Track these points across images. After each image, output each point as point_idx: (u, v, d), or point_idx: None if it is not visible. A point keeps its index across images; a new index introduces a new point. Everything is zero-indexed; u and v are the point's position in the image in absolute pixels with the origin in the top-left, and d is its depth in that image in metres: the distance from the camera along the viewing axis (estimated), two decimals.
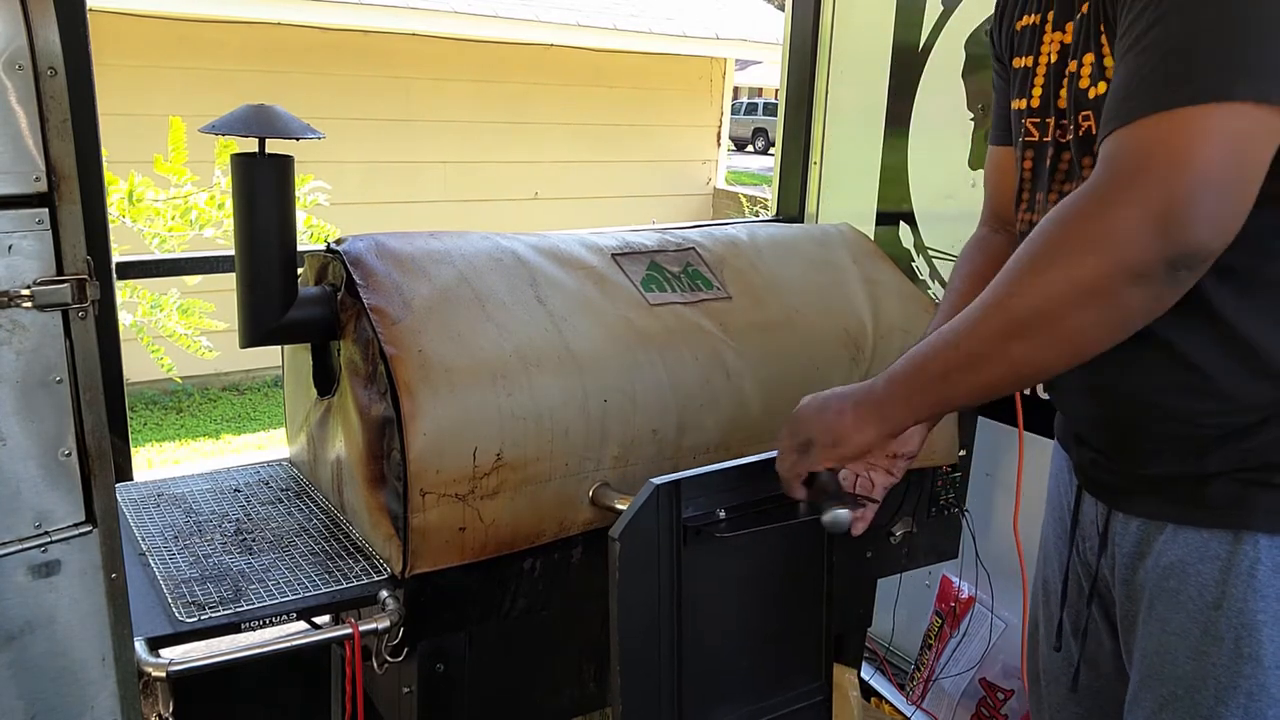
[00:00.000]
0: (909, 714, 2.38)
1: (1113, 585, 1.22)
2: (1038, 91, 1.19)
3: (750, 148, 21.13)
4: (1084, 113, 1.10)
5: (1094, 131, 1.07)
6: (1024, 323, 0.96)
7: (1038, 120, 1.20)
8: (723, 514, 1.29)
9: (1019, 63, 1.24)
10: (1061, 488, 1.35)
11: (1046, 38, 1.18)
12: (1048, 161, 1.19)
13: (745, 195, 9.78)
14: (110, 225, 1.98)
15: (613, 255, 1.76)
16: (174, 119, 3.54)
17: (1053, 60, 1.17)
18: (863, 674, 2.30)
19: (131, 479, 1.90)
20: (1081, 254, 0.92)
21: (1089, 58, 1.09)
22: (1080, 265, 0.92)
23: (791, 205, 2.76)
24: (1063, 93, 1.15)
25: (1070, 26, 1.14)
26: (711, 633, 1.34)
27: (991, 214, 1.45)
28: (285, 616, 1.39)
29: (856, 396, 1.12)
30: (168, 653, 1.29)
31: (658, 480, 1.25)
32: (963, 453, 2.05)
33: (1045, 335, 0.96)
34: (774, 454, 1.24)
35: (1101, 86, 1.06)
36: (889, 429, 1.11)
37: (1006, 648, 2.28)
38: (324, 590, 1.43)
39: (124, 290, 3.37)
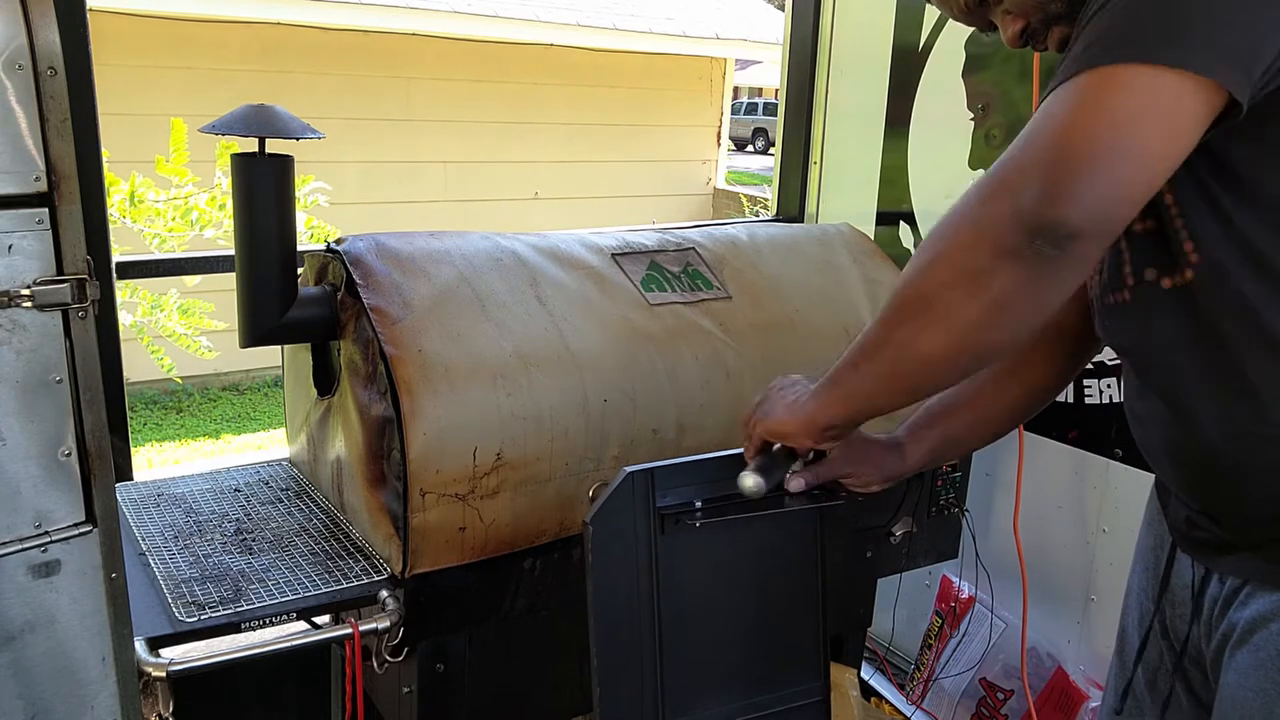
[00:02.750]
0: (909, 714, 2.38)
1: (1205, 651, 1.13)
2: None
3: (750, 148, 21.13)
4: None
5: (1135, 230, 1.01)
6: (907, 304, 0.96)
7: None
8: (699, 504, 1.30)
9: None
10: (1154, 539, 1.26)
11: None
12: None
13: (745, 195, 9.78)
14: (110, 225, 1.98)
15: (613, 255, 1.76)
16: (175, 120, 3.54)
17: None
18: (863, 674, 2.30)
19: (131, 479, 1.90)
20: (956, 230, 0.91)
21: None
22: (953, 241, 0.91)
23: (791, 205, 2.76)
24: None
25: None
26: (695, 624, 1.34)
27: None
28: (285, 616, 1.39)
29: (813, 388, 1.16)
30: (168, 652, 1.30)
31: (631, 468, 1.27)
32: None
33: (924, 317, 0.94)
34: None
35: None
36: (823, 419, 1.14)
37: (1006, 648, 2.28)
38: (324, 590, 1.43)
39: (124, 290, 3.38)
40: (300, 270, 1.62)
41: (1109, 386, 2.07)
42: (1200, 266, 0.96)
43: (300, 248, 1.55)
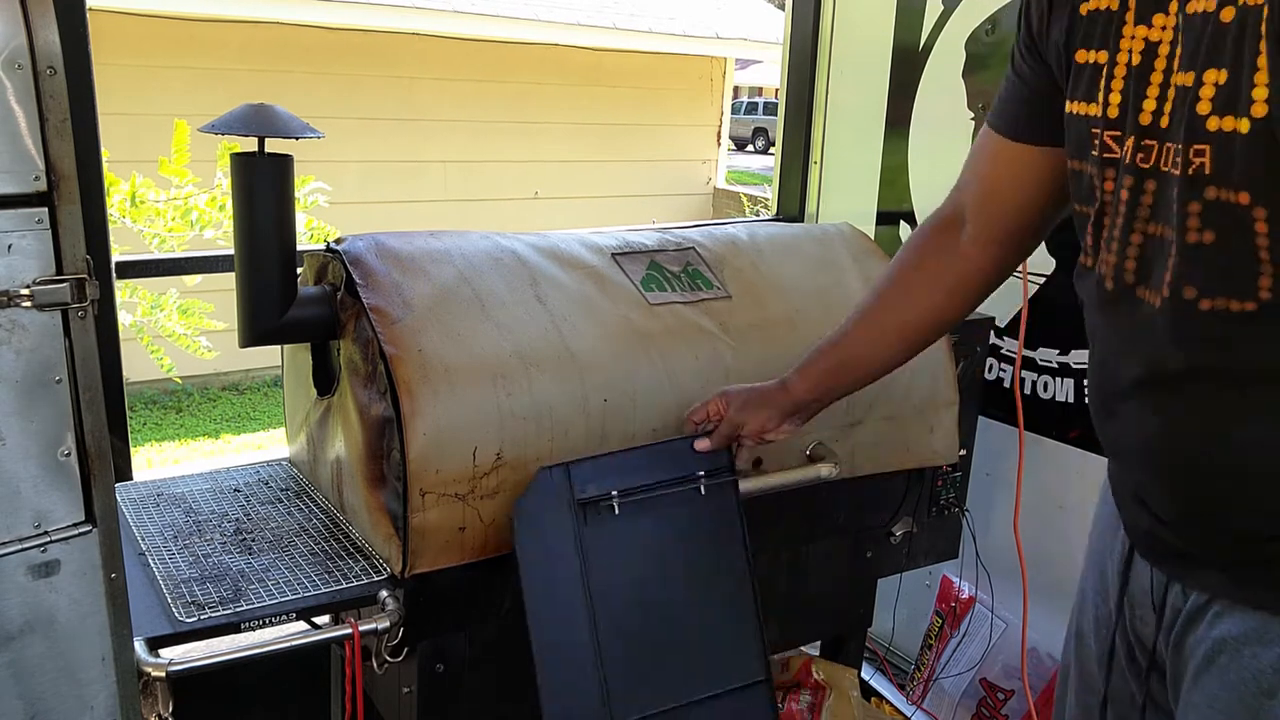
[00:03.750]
0: (909, 714, 2.38)
1: (1164, 659, 1.12)
2: (1116, 99, 0.99)
3: (750, 148, 21.12)
4: (1198, 146, 0.89)
5: (1207, 170, 0.89)
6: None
7: (1117, 134, 1.00)
8: (615, 494, 1.41)
9: (1084, 56, 1.03)
10: (1107, 540, 1.23)
11: (1127, 30, 0.98)
12: (1125, 191, 0.99)
13: (746, 195, 9.78)
14: (110, 225, 1.98)
15: (613, 255, 1.76)
16: (178, 122, 3.54)
17: (1135, 62, 0.97)
18: (863, 674, 2.29)
19: (131, 479, 1.90)
20: None
21: (1216, 75, 0.87)
22: None
23: (791, 205, 2.76)
24: (1164, 107, 0.94)
25: (1161, 20, 0.94)
26: (631, 615, 1.41)
27: (962, 206, 1.32)
28: (285, 616, 1.39)
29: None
30: (167, 653, 1.29)
31: (548, 464, 1.39)
32: (963, 453, 2.05)
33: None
34: (668, 440, 1.50)
35: (1236, 122, 0.86)
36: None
37: (1006, 648, 2.28)
38: (324, 590, 1.43)
39: (124, 290, 3.38)
40: (300, 270, 1.62)
41: None
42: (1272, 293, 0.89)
43: (300, 247, 1.55)
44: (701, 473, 1.47)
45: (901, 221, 2.50)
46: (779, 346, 1.76)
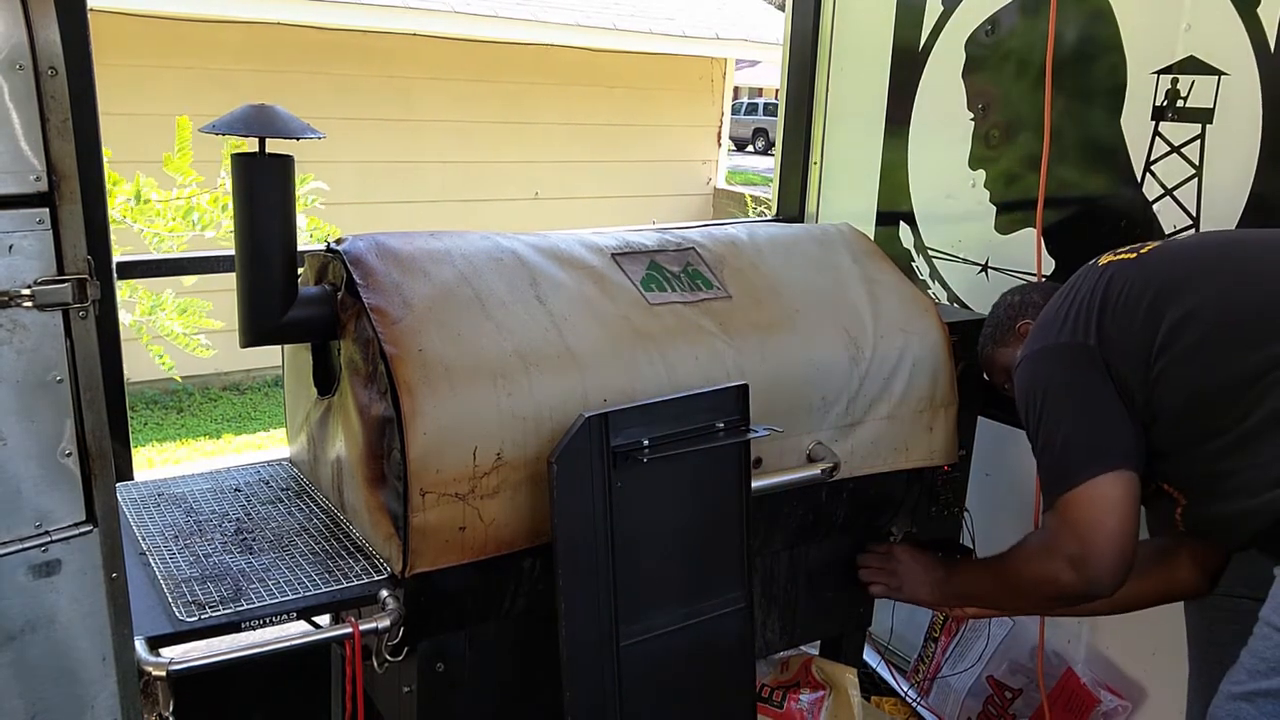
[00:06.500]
0: (909, 713, 2.38)
1: None
2: None
3: (750, 148, 21.12)
4: None
5: None
6: (1021, 603, 1.74)
7: None
8: (646, 442, 1.50)
9: None
10: None
11: None
12: None
13: (749, 195, 9.78)
14: (111, 226, 1.98)
15: (613, 255, 1.76)
16: (181, 119, 3.54)
17: None
18: (866, 669, 2.29)
19: (131, 479, 1.90)
20: (1036, 585, 1.51)
21: None
22: (1037, 591, 1.52)
23: (791, 205, 2.76)
24: None
25: None
26: (643, 546, 1.53)
27: None
28: (285, 616, 1.39)
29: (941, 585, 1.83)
30: (168, 652, 1.30)
31: (589, 413, 1.45)
32: (963, 452, 2.05)
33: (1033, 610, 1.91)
34: (693, 392, 1.55)
35: None
36: (940, 603, 1.89)
37: (1013, 646, 2.28)
38: (324, 590, 1.43)
39: (124, 290, 3.37)
40: (300, 270, 1.62)
41: None
42: None
43: (300, 247, 1.56)
44: (720, 425, 1.58)
45: (901, 222, 2.50)
46: (779, 346, 1.76)
